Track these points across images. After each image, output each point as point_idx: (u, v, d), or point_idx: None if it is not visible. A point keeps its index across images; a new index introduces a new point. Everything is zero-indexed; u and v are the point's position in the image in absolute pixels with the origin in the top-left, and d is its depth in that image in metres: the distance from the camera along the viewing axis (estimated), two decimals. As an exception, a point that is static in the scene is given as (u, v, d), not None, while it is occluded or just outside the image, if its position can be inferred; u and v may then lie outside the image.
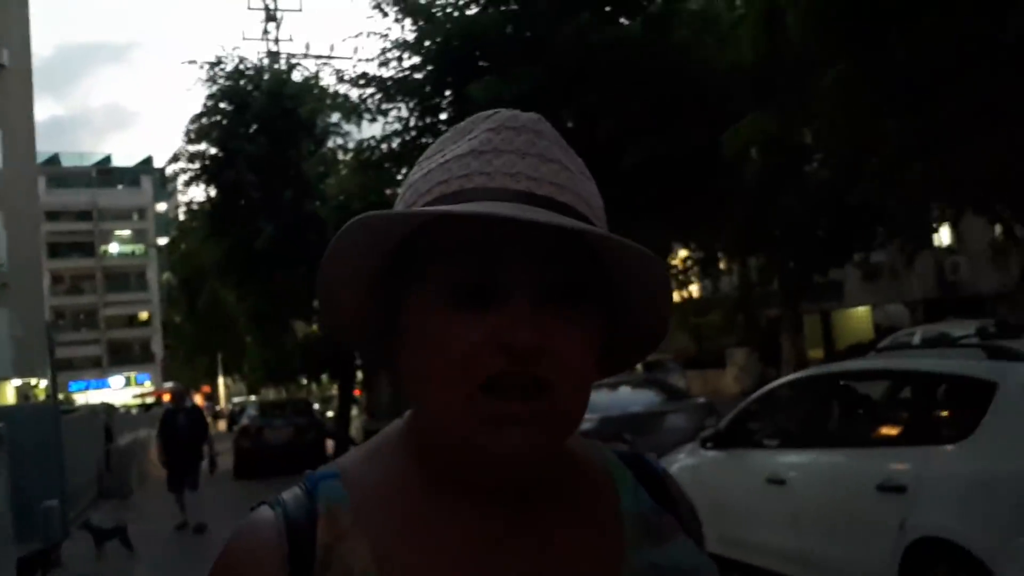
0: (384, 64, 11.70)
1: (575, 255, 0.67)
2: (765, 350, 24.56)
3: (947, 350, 5.25)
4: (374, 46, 13.54)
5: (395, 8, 11.14)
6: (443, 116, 11.28)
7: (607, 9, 9.73)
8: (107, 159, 78.50)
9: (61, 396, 23.12)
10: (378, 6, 11.34)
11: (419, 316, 0.68)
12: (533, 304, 0.65)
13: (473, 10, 10.54)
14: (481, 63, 9.65)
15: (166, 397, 46.50)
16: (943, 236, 27.98)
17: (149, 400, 47.67)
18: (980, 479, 4.10)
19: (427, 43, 10.69)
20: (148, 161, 79.53)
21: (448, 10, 10.70)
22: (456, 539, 0.71)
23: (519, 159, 0.69)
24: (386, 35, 11.49)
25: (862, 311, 31.46)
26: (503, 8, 10.33)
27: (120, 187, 73.58)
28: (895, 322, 24.61)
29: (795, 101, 8.32)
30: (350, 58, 27.62)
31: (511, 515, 0.73)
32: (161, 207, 73.34)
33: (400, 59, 11.26)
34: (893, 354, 6.67)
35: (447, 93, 10.90)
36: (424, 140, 11.58)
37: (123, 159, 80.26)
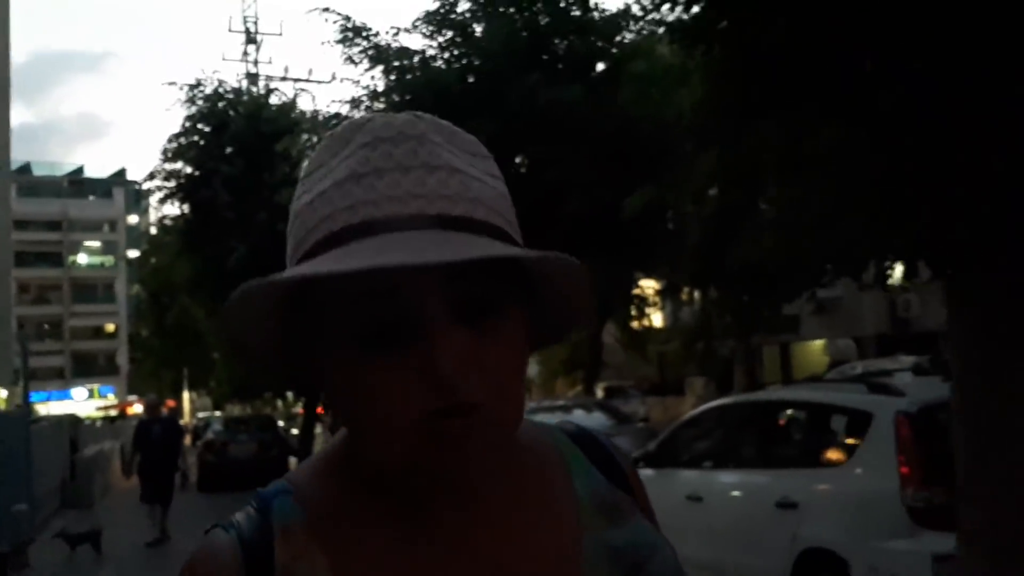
0: (356, 106, 12.38)
1: (481, 270, 0.63)
2: (722, 380, 25.33)
3: (840, 384, 5.92)
4: (347, 89, 14.27)
5: (366, 58, 11.84)
6: None
7: (559, 67, 10.52)
8: (79, 170, 78.18)
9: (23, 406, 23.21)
10: (349, 59, 12.04)
11: (336, 359, 0.67)
12: (449, 332, 0.63)
13: (439, 63, 11.30)
14: (443, 116, 10.34)
15: (130, 410, 46.27)
16: (898, 272, 29.04)
17: (113, 413, 47.39)
18: (855, 497, 4.75)
19: (394, 96, 11.42)
20: (121, 173, 79.28)
21: (415, 60, 11.43)
22: (415, 547, 0.71)
23: (402, 176, 0.66)
24: (357, 82, 12.22)
25: (818, 344, 32.40)
26: (465, 62, 11.09)
27: (92, 198, 73.28)
28: (844, 356, 25.48)
29: (730, 154, 9.00)
30: (328, 82, 27.78)
31: (466, 515, 0.73)
32: (133, 220, 73.08)
33: (370, 107, 11.92)
34: (798, 387, 7.36)
35: None
36: None
37: (96, 170, 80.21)
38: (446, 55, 11.36)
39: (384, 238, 0.63)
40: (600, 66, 11.28)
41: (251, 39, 29.60)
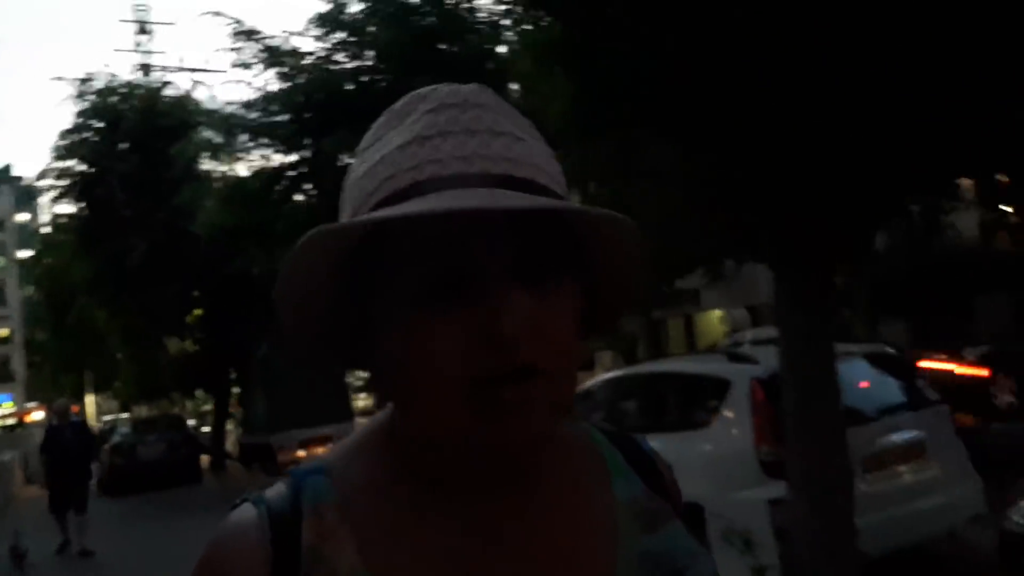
0: (250, 108, 12.47)
1: (544, 231, 0.64)
2: (629, 353, 26.33)
3: (707, 355, 6.55)
4: (241, 91, 14.39)
5: (259, 61, 11.95)
6: (303, 156, 12.13)
7: (451, 66, 10.84)
8: (-40, 167, 73.93)
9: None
10: (243, 64, 12.13)
11: (394, 318, 0.66)
12: (512, 291, 0.62)
13: (334, 67, 11.53)
14: (337, 116, 10.58)
15: (28, 418, 44.30)
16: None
17: (11, 421, 45.39)
18: (717, 455, 5.35)
19: (294, 97, 11.61)
20: (7, 170, 75.28)
21: (307, 61, 11.61)
22: (447, 535, 0.69)
23: (469, 138, 0.66)
24: (250, 83, 12.38)
25: (719, 314, 33.90)
26: (358, 63, 11.34)
27: (-25, 197, 69.49)
28: (739, 325, 26.85)
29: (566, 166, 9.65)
30: (224, 72, 27.36)
31: (503, 507, 0.71)
32: (22, 217, 69.68)
33: (265, 110, 12.07)
34: (670, 359, 8.03)
35: (306, 142, 11.74)
36: (287, 175, 12.32)
37: (-22, 167, 75.75)
38: (337, 56, 11.58)
39: (452, 192, 0.62)
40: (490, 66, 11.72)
41: (143, 29, 28.77)
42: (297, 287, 0.67)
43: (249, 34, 11.96)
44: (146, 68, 28.01)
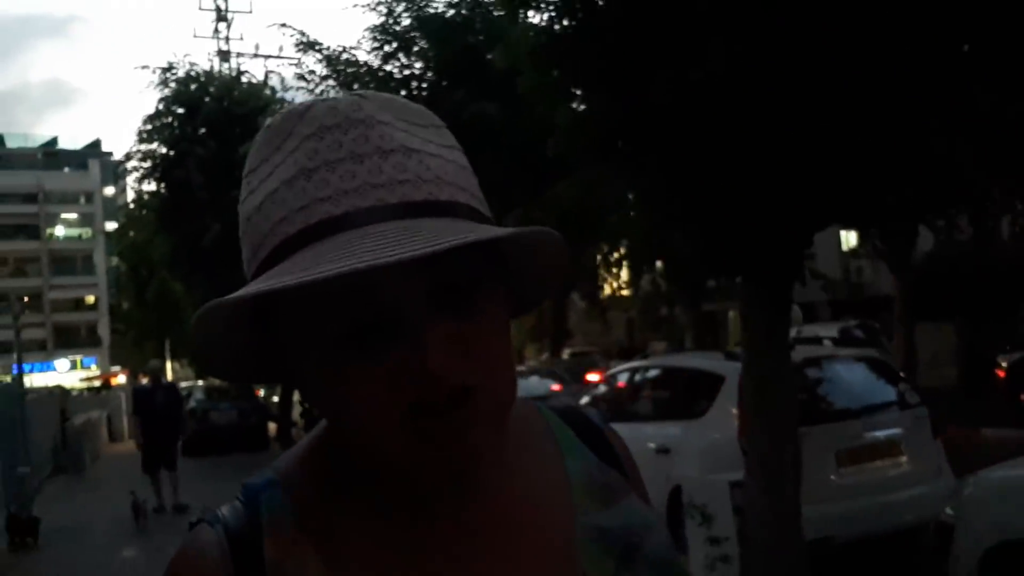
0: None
1: (456, 253, 0.59)
2: (681, 343, 26.73)
3: (710, 353, 7.10)
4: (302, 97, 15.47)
5: (318, 72, 12.95)
6: None
7: (489, 80, 11.56)
8: (53, 141, 77.94)
9: (8, 378, 24.12)
10: (301, 76, 13.11)
11: (314, 368, 0.64)
12: (432, 325, 0.61)
13: (383, 73, 12.43)
14: None
15: (113, 380, 46.79)
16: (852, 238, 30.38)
17: (96, 383, 48.17)
18: (707, 442, 5.93)
19: None
20: (96, 144, 79.17)
21: (362, 69, 12.50)
22: (406, 536, 0.69)
23: (356, 166, 0.62)
24: (312, 91, 13.35)
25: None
26: (408, 73, 12.21)
27: (67, 170, 73.23)
28: (793, 321, 27.14)
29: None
30: (296, 60, 28.38)
31: (459, 503, 0.70)
32: (109, 191, 73.15)
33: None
34: (684, 354, 8.58)
35: None
36: None
37: (69, 141, 79.84)
38: (388, 67, 12.39)
39: (348, 235, 0.60)
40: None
41: (222, 17, 30.05)
42: (207, 350, 0.68)
43: (310, 45, 12.87)
44: (224, 55, 29.51)
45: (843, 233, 28.12)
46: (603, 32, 4.24)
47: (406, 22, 12.52)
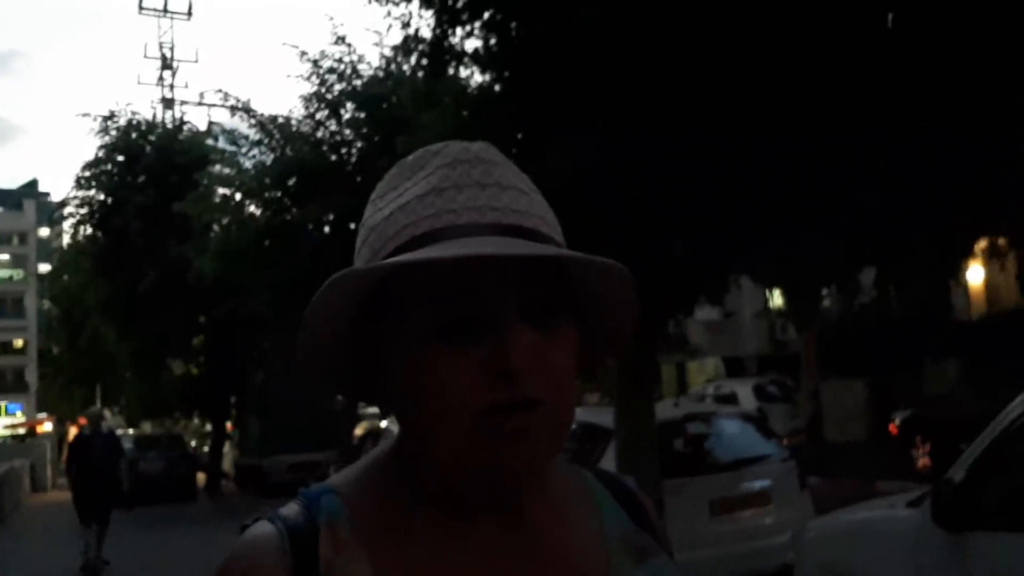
0: (242, 173, 14.06)
1: (546, 275, 0.71)
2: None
3: (601, 408, 7.67)
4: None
5: (251, 136, 13.59)
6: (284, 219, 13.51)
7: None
8: (-12, 180, 76.33)
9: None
10: (237, 139, 13.73)
11: (408, 353, 0.71)
12: (519, 329, 0.68)
13: (315, 140, 13.11)
14: (309, 190, 12.11)
15: (39, 428, 45.33)
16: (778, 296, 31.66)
17: (21, 431, 46.62)
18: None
19: (273, 174, 13.26)
20: (32, 184, 77.83)
21: (294, 132, 13.22)
22: (451, 553, 0.74)
23: (480, 191, 0.72)
24: (245, 154, 14.08)
25: (711, 362, 35.08)
26: (338, 139, 12.90)
27: (1, 210, 71.69)
28: (715, 375, 28.11)
29: None
30: (240, 108, 28.99)
31: (504, 529, 0.75)
32: (44, 232, 71.69)
33: (256, 179, 13.64)
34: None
35: (289, 205, 13.24)
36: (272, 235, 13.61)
37: (5, 179, 78.40)
38: (320, 133, 13.06)
39: (466, 240, 0.69)
40: None
41: (167, 65, 30.42)
42: (319, 323, 0.72)
43: (246, 111, 13.48)
44: (168, 102, 29.78)
45: (768, 291, 29.49)
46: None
47: (337, 89, 13.23)
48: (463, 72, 5.81)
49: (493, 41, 5.14)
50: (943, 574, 3.63)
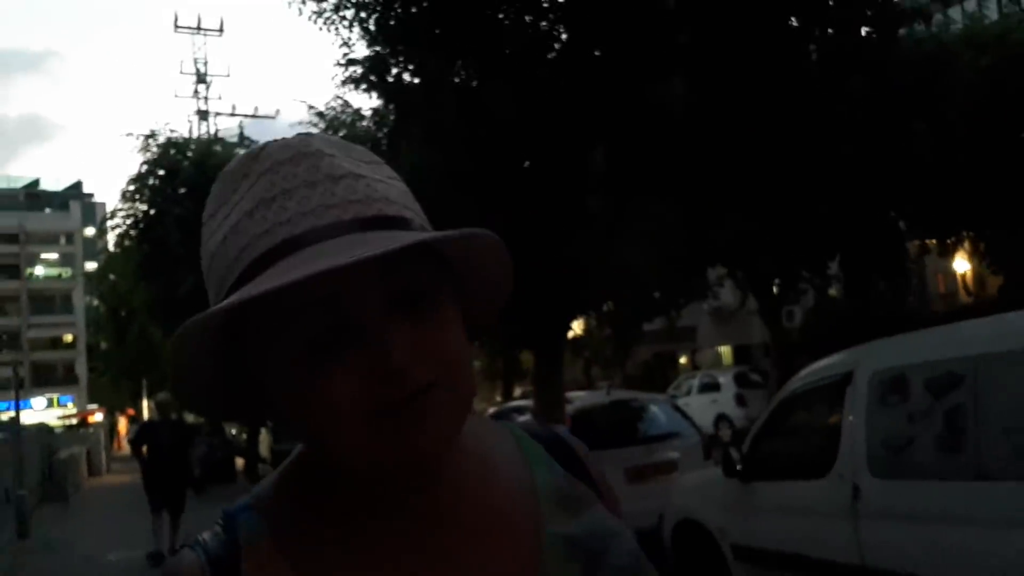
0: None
1: (408, 260, 0.67)
2: (630, 382, 29.08)
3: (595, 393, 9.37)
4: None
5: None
6: None
7: None
8: (35, 182, 79.61)
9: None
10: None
11: (284, 376, 0.68)
12: (392, 326, 0.66)
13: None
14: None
15: (90, 418, 47.85)
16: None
17: (73, 421, 49.31)
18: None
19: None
20: (77, 186, 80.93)
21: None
22: (376, 550, 0.73)
23: (311, 191, 0.68)
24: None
25: (724, 350, 36.39)
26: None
27: (48, 211, 74.78)
28: (713, 364, 29.68)
29: None
30: (273, 118, 31.26)
31: (426, 515, 0.75)
32: (89, 231, 74.70)
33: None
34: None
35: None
36: None
37: (52, 182, 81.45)
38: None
39: (308, 251, 0.65)
40: None
41: (201, 79, 32.44)
42: (184, 369, 0.71)
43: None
44: (203, 114, 31.85)
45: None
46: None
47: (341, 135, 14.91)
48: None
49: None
50: (738, 512, 5.29)
